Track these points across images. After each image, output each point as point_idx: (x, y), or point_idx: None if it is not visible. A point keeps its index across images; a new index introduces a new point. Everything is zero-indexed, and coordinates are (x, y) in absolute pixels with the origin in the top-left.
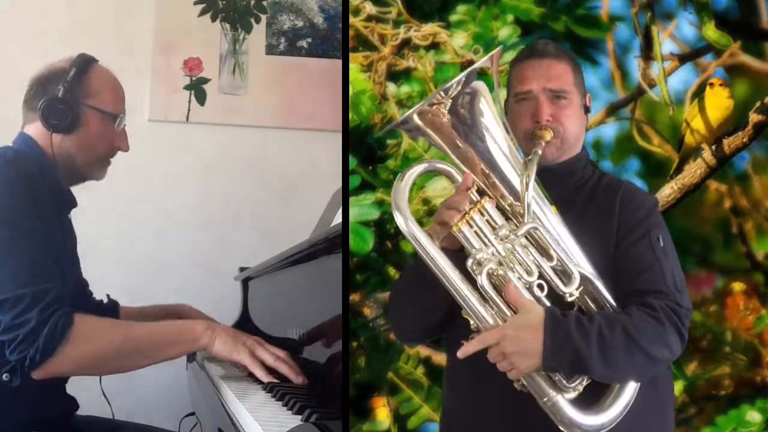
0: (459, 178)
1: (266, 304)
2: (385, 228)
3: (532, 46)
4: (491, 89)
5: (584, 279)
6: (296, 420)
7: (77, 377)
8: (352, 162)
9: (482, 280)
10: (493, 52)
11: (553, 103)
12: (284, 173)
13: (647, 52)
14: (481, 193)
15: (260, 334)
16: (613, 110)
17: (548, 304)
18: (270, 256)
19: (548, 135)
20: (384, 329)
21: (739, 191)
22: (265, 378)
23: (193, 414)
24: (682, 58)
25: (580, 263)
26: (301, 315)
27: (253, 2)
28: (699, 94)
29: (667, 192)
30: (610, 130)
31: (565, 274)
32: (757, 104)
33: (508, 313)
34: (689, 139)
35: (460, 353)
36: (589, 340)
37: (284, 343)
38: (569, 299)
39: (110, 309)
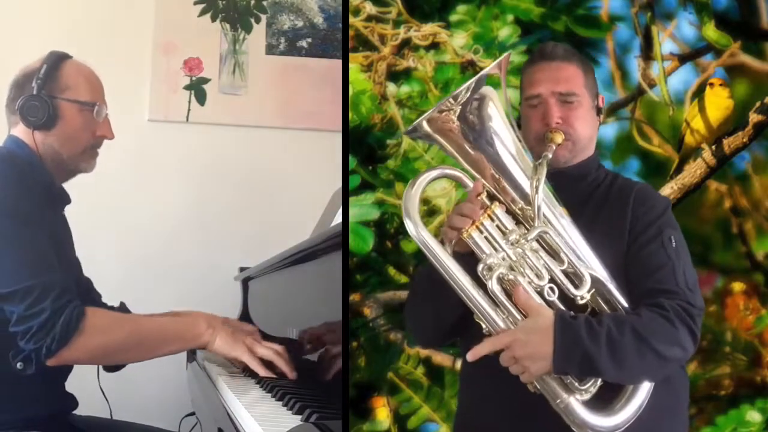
0: (470, 184)
1: (266, 304)
2: (385, 228)
3: (542, 49)
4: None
5: (596, 281)
6: (296, 420)
7: (77, 376)
8: (352, 162)
9: (492, 285)
10: (501, 57)
11: (562, 106)
12: (284, 173)
13: (647, 52)
14: (492, 197)
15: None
16: (613, 110)
17: (561, 306)
18: (270, 256)
19: (559, 137)
20: (384, 329)
21: (739, 191)
22: (263, 373)
23: (193, 414)
24: (682, 58)
25: (592, 265)
26: (301, 315)
27: (253, 2)
28: (699, 94)
29: (667, 192)
30: (610, 130)
31: (576, 277)
32: (757, 104)
33: (519, 318)
34: (689, 139)
35: (470, 355)
36: (599, 343)
37: (284, 344)
38: (580, 302)
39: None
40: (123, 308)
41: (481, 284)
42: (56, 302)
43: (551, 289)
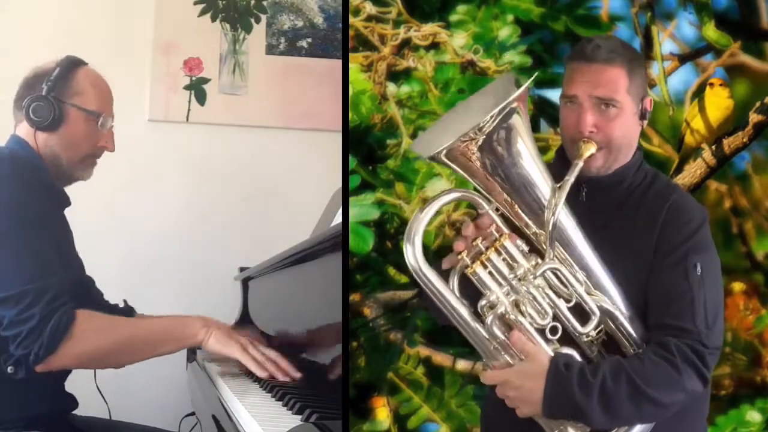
0: (486, 206)
1: (266, 304)
2: (385, 228)
3: (582, 47)
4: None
5: (607, 314)
6: (296, 420)
7: (75, 376)
8: (352, 162)
9: (490, 324)
10: (523, 87)
11: (599, 112)
12: (284, 173)
13: (647, 52)
14: (507, 221)
15: (260, 335)
16: None
17: (579, 335)
18: (270, 256)
19: (589, 150)
20: (384, 329)
21: (739, 191)
22: (259, 372)
23: (193, 414)
24: (682, 58)
25: (609, 292)
26: (301, 315)
27: (253, 2)
28: (699, 94)
29: None
30: None
31: (584, 312)
32: (757, 104)
33: (516, 356)
34: (689, 139)
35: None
36: (591, 395)
37: (284, 344)
38: (585, 340)
39: (123, 314)
40: (127, 307)
41: (481, 317)
42: (46, 307)
43: (554, 328)
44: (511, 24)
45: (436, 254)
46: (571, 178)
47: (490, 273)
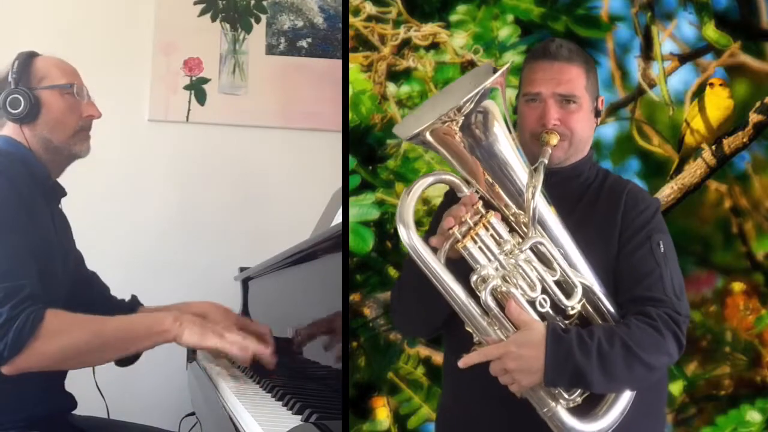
0: (465, 190)
1: (266, 304)
2: (385, 228)
3: (545, 47)
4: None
5: (586, 290)
6: (296, 420)
7: (75, 375)
8: (352, 162)
9: (486, 296)
10: (503, 68)
11: (561, 107)
12: (284, 173)
13: (647, 52)
14: (487, 203)
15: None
16: (613, 110)
17: (554, 316)
18: (270, 256)
19: (554, 139)
20: (384, 329)
21: (739, 191)
22: (241, 355)
23: (193, 414)
24: (682, 58)
25: (583, 272)
26: (301, 315)
27: (253, 2)
28: (699, 94)
29: (667, 192)
30: (610, 130)
31: (568, 287)
32: (757, 104)
33: (511, 329)
34: (689, 139)
35: (461, 363)
36: (590, 356)
37: (283, 344)
38: (571, 312)
39: (129, 308)
40: (134, 301)
41: (473, 294)
42: (15, 308)
43: (543, 300)
44: (511, 24)
45: None
46: (545, 160)
47: (480, 248)
